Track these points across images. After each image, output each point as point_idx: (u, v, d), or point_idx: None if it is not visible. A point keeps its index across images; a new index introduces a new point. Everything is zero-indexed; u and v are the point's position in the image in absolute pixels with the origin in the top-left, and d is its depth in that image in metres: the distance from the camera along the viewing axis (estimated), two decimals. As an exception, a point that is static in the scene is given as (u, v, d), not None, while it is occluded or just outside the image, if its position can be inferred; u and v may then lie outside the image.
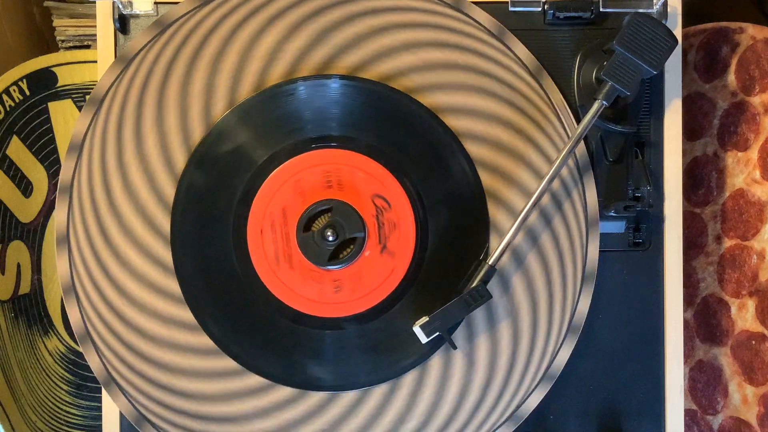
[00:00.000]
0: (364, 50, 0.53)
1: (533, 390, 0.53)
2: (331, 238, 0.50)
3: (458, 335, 0.52)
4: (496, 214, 0.52)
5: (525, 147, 0.53)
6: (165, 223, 0.52)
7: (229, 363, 0.52)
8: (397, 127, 0.52)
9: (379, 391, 0.52)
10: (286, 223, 0.51)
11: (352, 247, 0.51)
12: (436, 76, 0.53)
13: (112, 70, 0.52)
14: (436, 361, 0.52)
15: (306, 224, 0.51)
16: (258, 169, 0.52)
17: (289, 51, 0.52)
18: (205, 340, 0.52)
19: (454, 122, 0.53)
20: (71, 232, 0.52)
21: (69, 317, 0.52)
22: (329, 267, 0.51)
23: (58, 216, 0.52)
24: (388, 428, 0.52)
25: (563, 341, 0.53)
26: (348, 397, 0.52)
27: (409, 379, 0.52)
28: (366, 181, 0.51)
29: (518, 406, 0.53)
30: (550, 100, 0.53)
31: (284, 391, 0.52)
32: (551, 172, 0.50)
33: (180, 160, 0.52)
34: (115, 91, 0.52)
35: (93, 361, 0.52)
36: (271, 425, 0.52)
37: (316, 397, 0.52)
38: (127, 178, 0.52)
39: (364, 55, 0.53)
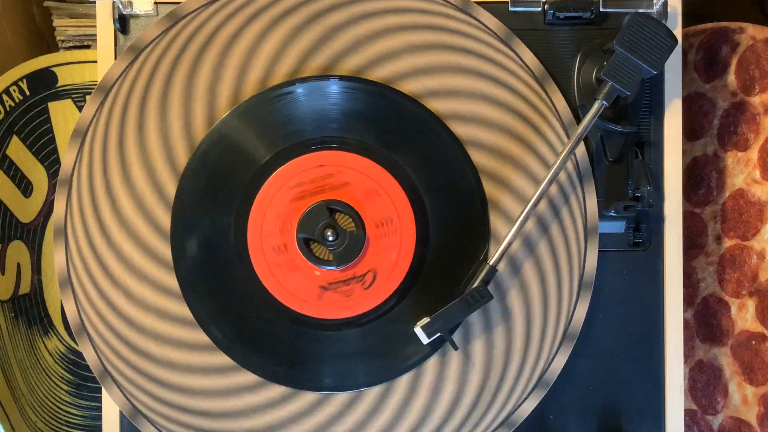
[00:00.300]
0: (367, 53, 0.53)
1: (526, 397, 0.53)
2: (331, 239, 0.50)
3: (454, 337, 0.52)
4: (496, 214, 0.52)
5: (525, 152, 0.53)
6: (165, 218, 0.52)
7: (225, 360, 0.52)
8: (396, 128, 0.52)
9: (373, 393, 0.52)
10: (285, 223, 0.51)
11: (351, 247, 0.51)
12: (437, 78, 0.53)
13: (121, 61, 0.52)
14: (431, 365, 0.52)
15: (306, 225, 0.50)
16: (258, 169, 0.52)
17: (293, 53, 0.52)
18: (201, 336, 0.52)
19: (454, 124, 0.53)
20: (69, 222, 0.52)
21: (65, 311, 0.52)
22: (329, 268, 0.51)
23: (57, 207, 0.52)
24: (381, 428, 0.52)
25: (558, 348, 0.53)
26: (342, 397, 0.52)
27: (404, 380, 0.52)
28: (365, 182, 0.51)
29: (510, 413, 0.53)
30: (554, 107, 0.53)
31: (279, 389, 0.52)
32: (551, 172, 0.50)
33: (182, 158, 0.52)
34: (120, 83, 0.52)
35: (89, 354, 0.52)
36: (266, 421, 0.52)
37: (310, 396, 0.52)
38: (129, 172, 0.52)
39: (367, 57, 0.52)
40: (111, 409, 0.53)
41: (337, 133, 0.52)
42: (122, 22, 0.54)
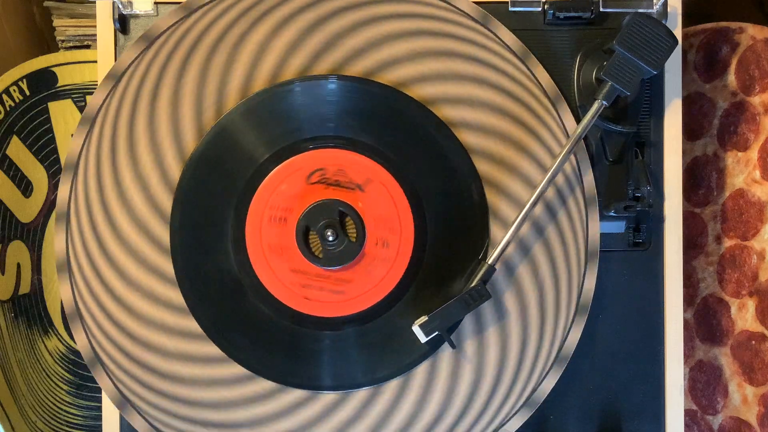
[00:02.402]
0: (373, 59, 0.53)
1: (519, 409, 0.53)
2: (330, 238, 0.50)
3: (466, 334, 0.52)
4: (495, 213, 0.52)
5: (525, 147, 0.53)
6: (167, 205, 0.52)
7: (215, 350, 0.52)
8: (395, 128, 0.52)
9: (361, 395, 0.52)
10: (285, 223, 0.51)
11: (351, 246, 0.51)
12: (445, 85, 0.53)
13: (133, 48, 0.52)
14: (423, 367, 0.52)
15: (305, 224, 0.50)
16: (256, 169, 0.52)
17: (304, 51, 0.52)
18: (194, 325, 0.52)
19: (455, 127, 0.53)
20: (72, 205, 0.52)
21: (61, 293, 0.52)
22: (329, 267, 0.51)
23: (61, 189, 0.52)
24: (368, 429, 0.52)
25: (549, 370, 0.53)
26: (332, 394, 0.52)
27: (394, 383, 0.52)
28: (378, 192, 0.51)
29: (504, 422, 0.53)
30: (553, 105, 0.53)
31: (268, 383, 0.52)
32: (551, 172, 0.50)
33: (189, 146, 0.52)
34: (133, 71, 0.52)
35: (80, 339, 0.52)
36: (256, 413, 0.52)
37: (300, 391, 0.52)
38: (137, 159, 0.52)
39: (375, 61, 0.53)
40: (111, 408, 0.53)
41: (337, 132, 0.52)
42: (122, 22, 0.54)
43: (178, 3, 0.53)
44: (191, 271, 0.52)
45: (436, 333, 0.50)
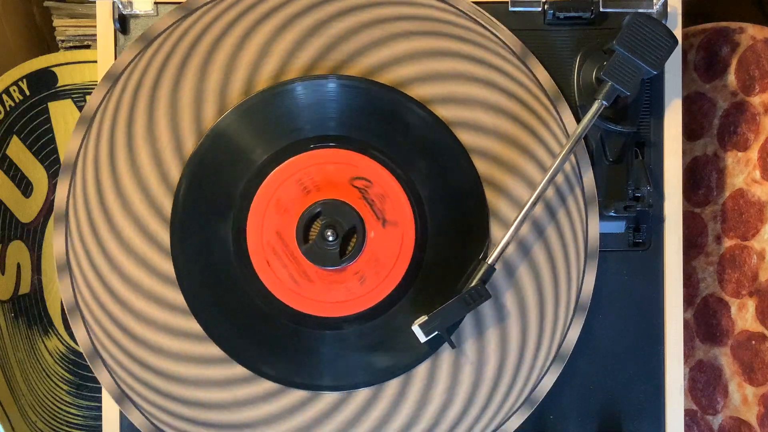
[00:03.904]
0: (377, 57, 0.53)
1: (518, 408, 0.53)
2: (331, 238, 0.50)
3: (466, 335, 0.52)
4: (495, 213, 0.52)
5: (525, 146, 0.53)
6: (169, 206, 0.52)
7: (217, 352, 0.52)
8: (395, 128, 0.52)
9: (363, 395, 0.52)
10: (285, 222, 0.51)
11: (335, 259, 0.51)
12: (445, 85, 0.53)
13: (131, 49, 0.52)
14: (424, 366, 0.52)
15: (319, 210, 0.50)
16: (256, 169, 0.52)
17: (307, 51, 0.52)
18: (194, 325, 0.52)
19: (455, 126, 0.53)
20: (71, 205, 0.52)
21: (60, 291, 0.52)
22: (329, 268, 0.51)
23: (59, 190, 0.52)
24: (371, 428, 0.52)
25: (548, 368, 0.53)
26: (334, 395, 0.52)
27: (394, 382, 0.52)
28: (366, 183, 0.51)
29: (503, 421, 0.53)
30: (553, 104, 0.53)
31: (269, 385, 0.52)
32: (551, 172, 0.50)
33: (188, 146, 0.52)
34: (131, 71, 0.52)
35: (80, 333, 0.52)
36: (256, 416, 0.52)
37: (301, 392, 0.52)
38: (135, 158, 0.52)
39: (375, 61, 0.53)
40: (111, 409, 0.53)
41: (337, 132, 0.52)
42: (122, 22, 0.54)
43: (178, 3, 0.53)
44: (192, 272, 0.52)
45: (436, 333, 0.49)
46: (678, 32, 0.55)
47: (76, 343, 0.66)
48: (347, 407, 0.52)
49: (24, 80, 0.65)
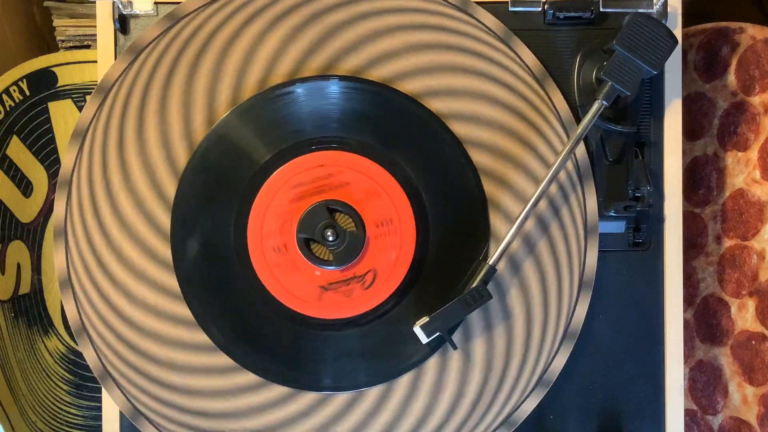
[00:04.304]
0: (367, 53, 0.53)
1: (527, 396, 0.53)
2: (331, 239, 0.50)
3: (454, 338, 0.52)
4: (496, 213, 0.52)
5: (526, 147, 0.53)
6: (165, 219, 0.52)
7: (226, 360, 0.52)
8: (396, 128, 0.52)
9: (373, 393, 0.52)
10: (285, 223, 0.51)
11: (355, 236, 0.51)
12: (437, 78, 0.53)
13: (120, 61, 0.52)
14: (431, 364, 0.52)
15: (306, 225, 0.50)
16: (258, 170, 0.52)
17: (292, 53, 0.52)
18: (201, 336, 0.52)
19: (454, 124, 0.53)
20: (69, 223, 0.52)
21: (65, 311, 0.52)
22: (329, 268, 0.51)
23: (57, 208, 0.52)
24: (382, 429, 0.52)
25: (559, 347, 0.53)
26: (342, 398, 0.52)
27: (404, 380, 0.52)
28: (365, 182, 0.51)
29: (512, 412, 0.53)
30: (551, 102, 0.53)
31: (279, 390, 0.52)
32: (551, 172, 0.50)
33: (181, 158, 0.52)
34: (120, 84, 0.52)
35: (89, 355, 0.52)
36: (266, 422, 0.52)
37: (310, 396, 0.52)
38: (128, 173, 0.52)
39: (366, 57, 0.52)
40: (111, 409, 0.53)
41: (337, 133, 0.52)
42: (122, 22, 0.54)
43: (178, 3, 0.53)
44: (214, 308, 0.52)
45: (438, 334, 0.49)
46: (678, 32, 0.55)
47: (76, 343, 0.65)
48: (359, 407, 0.52)
49: (24, 80, 0.65)
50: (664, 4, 0.54)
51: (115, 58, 0.54)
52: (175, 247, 0.52)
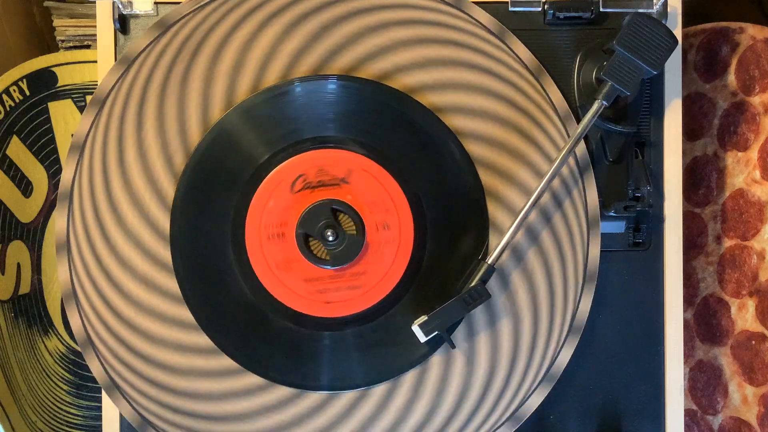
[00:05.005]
0: (361, 48, 0.52)
1: (534, 390, 0.53)
2: (331, 238, 0.50)
3: (458, 334, 0.52)
4: (495, 213, 0.52)
5: (524, 147, 0.53)
6: (165, 223, 0.52)
7: (228, 362, 0.52)
8: (394, 127, 0.52)
9: (378, 392, 0.52)
10: (284, 238, 0.51)
11: (354, 239, 0.51)
12: (434, 73, 0.53)
13: (113, 71, 0.52)
14: (435, 361, 0.52)
15: (303, 233, 0.50)
16: (256, 169, 0.52)
17: (286, 51, 0.52)
18: (204, 340, 0.52)
19: (452, 120, 0.53)
20: (71, 235, 0.52)
21: (70, 323, 0.52)
22: (325, 267, 0.51)
23: (58, 221, 0.52)
24: (386, 428, 0.52)
25: (564, 342, 0.53)
26: (347, 397, 0.52)
27: (408, 378, 0.52)
28: (364, 181, 0.51)
29: (518, 407, 0.53)
30: (549, 99, 0.53)
31: (283, 391, 0.52)
32: (551, 171, 0.50)
33: (179, 161, 0.52)
34: (116, 93, 0.52)
35: (94, 367, 0.52)
36: (269, 424, 0.52)
37: (314, 397, 0.52)
38: (128, 179, 0.52)
39: (361, 53, 0.52)
40: (111, 411, 0.53)
41: (336, 132, 0.52)
42: (122, 22, 0.54)
43: (178, 3, 0.53)
44: (206, 301, 0.52)
45: (436, 333, 0.49)
46: (678, 32, 0.55)
47: (76, 343, 0.66)
48: (365, 405, 0.52)
49: (24, 80, 0.65)
50: (664, 4, 0.54)
51: (115, 58, 0.54)
52: (175, 251, 0.52)
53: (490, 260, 0.50)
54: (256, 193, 0.51)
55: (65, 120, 0.66)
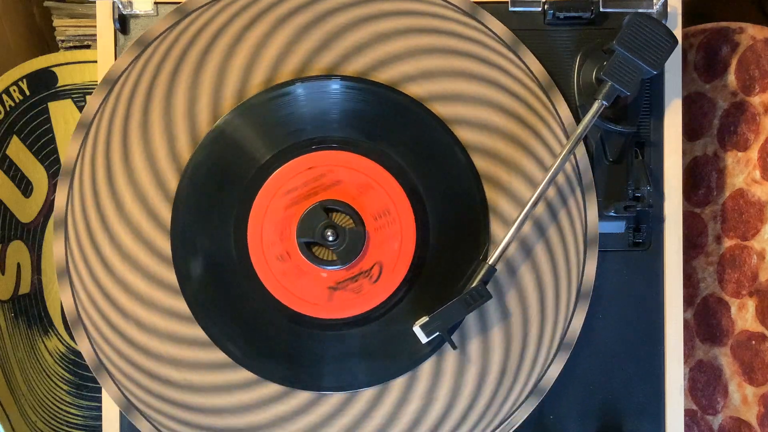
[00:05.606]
0: (372, 55, 0.53)
1: (523, 401, 0.53)
2: (331, 239, 0.50)
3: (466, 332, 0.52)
4: (495, 213, 0.52)
5: (525, 148, 0.53)
6: (166, 213, 0.52)
7: (222, 356, 0.52)
8: (396, 129, 0.52)
9: (369, 392, 0.52)
10: (284, 230, 0.51)
11: (355, 232, 0.51)
12: (441, 82, 0.53)
13: (128, 53, 0.52)
14: (428, 365, 0.52)
15: (305, 229, 0.50)
16: (258, 169, 0.52)
17: (298, 54, 0.52)
18: (198, 332, 0.52)
19: (456, 127, 0.53)
20: (69, 213, 0.52)
21: (62, 300, 0.52)
22: (334, 267, 0.51)
23: (58, 197, 0.52)
24: (377, 427, 0.52)
25: (554, 357, 0.53)
26: (338, 397, 0.52)
27: (399, 382, 0.52)
28: (357, 177, 0.51)
29: (506, 418, 0.53)
30: (556, 112, 0.53)
31: (275, 387, 0.52)
32: (551, 172, 0.50)
33: (185, 153, 0.52)
34: (127, 77, 0.52)
35: (84, 345, 0.52)
36: (261, 419, 0.52)
37: (306, 394, 0.52)
38: (131, 166, 0.52)
39: (371, 60, 0.53)
40: (111, 408, 0.53)
41: (337, 133, 0.52)
42: (122, 22, 0.54)
43: (178, 3, 0.53)
44: (194, 279, 0.52)
45: (437, 333, 0.50)
46: (678, 32, 0.55)
47: (76, 343, 0.66)
48: (352, 408, 0.52)
49: (24, 80, 0.65)
50: (664, 4, 0.54)
51: (115, 58, 0.54)
52: (174, 243, 0.52)
53: (490, 261, 0.50)
54: (258, 196, 0.51)
55: (65, 120, 0.66)
